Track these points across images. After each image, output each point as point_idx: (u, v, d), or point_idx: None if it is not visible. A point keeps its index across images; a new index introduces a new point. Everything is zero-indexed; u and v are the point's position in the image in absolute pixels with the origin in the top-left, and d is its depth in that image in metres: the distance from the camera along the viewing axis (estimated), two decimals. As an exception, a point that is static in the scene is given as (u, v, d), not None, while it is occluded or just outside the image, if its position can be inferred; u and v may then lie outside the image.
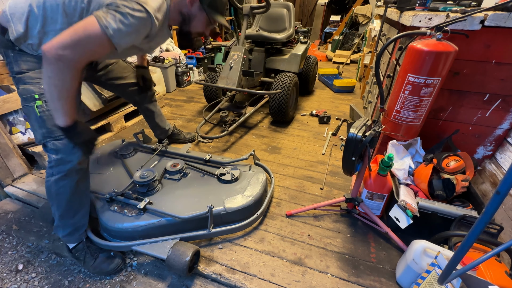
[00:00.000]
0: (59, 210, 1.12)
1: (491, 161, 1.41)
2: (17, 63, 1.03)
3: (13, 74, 1.05)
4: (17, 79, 1.05)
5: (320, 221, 1.44)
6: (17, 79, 1.05)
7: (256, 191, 1.41)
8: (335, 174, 1.81)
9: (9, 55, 1.03)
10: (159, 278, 1.18)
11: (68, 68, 0.88)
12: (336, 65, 4.64)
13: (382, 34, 2.04)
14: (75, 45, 0.87)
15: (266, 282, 1.13)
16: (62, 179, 1.09)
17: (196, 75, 3.67)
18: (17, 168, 1.69)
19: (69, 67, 0.88)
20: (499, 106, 1.29)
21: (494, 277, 0.92)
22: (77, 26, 0.88)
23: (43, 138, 1.06)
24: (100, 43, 0.91)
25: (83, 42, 0.88)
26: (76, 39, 0.86)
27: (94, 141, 1.10)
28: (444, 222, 1.18)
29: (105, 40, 0.90)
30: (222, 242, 1.31)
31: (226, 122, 2.22)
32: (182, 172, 1.53)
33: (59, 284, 1.16)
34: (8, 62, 1.05)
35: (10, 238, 1.36)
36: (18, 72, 1.04)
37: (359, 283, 1.14)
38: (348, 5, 6.50)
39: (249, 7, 2.19)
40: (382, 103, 1.38)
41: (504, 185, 0.55)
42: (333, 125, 2.49)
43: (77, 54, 0.88)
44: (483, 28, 1.13)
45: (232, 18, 5.26)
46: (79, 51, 0.88)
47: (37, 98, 1.04)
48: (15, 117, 1.71)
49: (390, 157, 1.18)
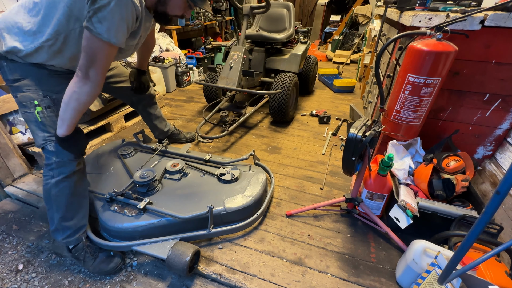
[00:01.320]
0: (60, 212, 1.12)
1: (491, 161, 1.41)
2: (11, 71, 1.05)
3: (9, 83, 1.07)
4: (14, 88, 1.06)
5: (320, 221, 1.44)
6: (14, 87, 1.06)
7: (256, 191, 1.41)
8: (335, 174, 1.81)
9: (3, 65, 1.05)
10: (159, 278, 1.18)
11: (95, 87, 0.97)
12: (336, 65, 4.64)
13: (382, 34, 2.04)
14: (91, 63, 0.93)
15: (266, 282, 1.13)
16: (63, 181, 1.10)
17: (196, 75, 3.67)
18: (17, 168, 1.69)
19: (96, 85, 0.97)
20: (499, 106, 1.29)
21: (494, 277, 0.92)
22: (84, 46, 0.92)
23: (44, 142, 1.07)
24: (105, 51, 0.94)
25: (95, 58, 0.93)
26: (90, 58, 0.92)
27: (84, 148, 1.14)
28: (444, 222, 1.18)
29: (107, 45, 0.93)
30: (222, 242, 1.31)
31: (226, 122, 2.22)
32: (182, 172, 1.53)
33: (59, 284, 1.16)
34: (2, 72, 1.06)
35: (10, 238, 1.36)
36: (14, 80, 1.05)
37: (359, 283, 1.14)
38: (348, 5, 6.50)
39: (249, 7, 2.19)
40: (382, 103, 1.38)
41: (504, 185, 0.55)
42: (333, 125, 2.49)
43: (98, 69, 0.95)
44: (483, 28, 1.13)
45: (232, 18, 5.26)
46: (97, 66, 0.94)
47: (37, 104, 1.06)
48: (15, 117, 1.71)
49: (390, 157, 1.18)
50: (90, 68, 0.94)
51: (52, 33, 0.98)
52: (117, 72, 1.57)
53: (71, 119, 1.00)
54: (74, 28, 0.99)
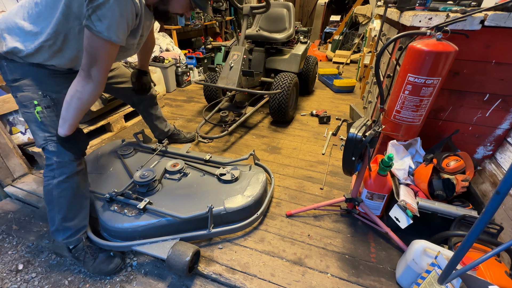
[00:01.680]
0: (61, 213, 1.12)
1: (491, 161, 1.41)
2: (11, 71, 1.05)
3: (9, 83, 1.07)
4: (13, 88, 1.06)
5: (320, 221, 1.44)
6: (14, 87, 1.06)
7: (256, 191, 1.41)
8: (335, 174, 1.81)
9: (3, 65, 1.05)
10: (159, 278, 1.18)
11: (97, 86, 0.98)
12: (336, 65, 4.64)
13: (382, 34, 2.04)
14: (93, 62, 0.93)
15: (266, 282, 1.13)
16: (65, 181, 1.10)
17: (196, 75, 3.67)
18: (17, 168, 1.69)
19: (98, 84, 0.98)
20: (499, 106, 1.29)
21: (494, 277, 0.92)
22: (85, 46, 0.92)
23: (44, 142, 1.07)
24: (106, 49, 0.94)
25: (96, 57, 0.93)
26: (92, 57, 0.92)
27: (85, 148, 1.14)
28: (444, 222, 1.18)
29: (108, 44, 0.92)
30: (222, 242, 1.31)
31: (226, 122, 2.22)
32: (182, 172, 1.53)
33: (59, 284, 1.16)
34: (3, 72, 1.06)
35: (10, 238, 1.36)
36: (14, 80, 1.05)
37: (359, 283, 1.14)
38: (348, 5, 6.50)
39: (249, 7, 2.19)
40: (382, 103, 1.38)
41: (504, 185, 0.55)
42: (333, 125, 2.49)
43: (100, 68, 0.95)
44: (483, 28, 1.13)
45: (232, 18, 5.27)
46: (99, 65, 0.94)
47: (37, 104, 1.06)
48: (15, 117, 1.71)
49: (390, 157, 1.18)
50: (92, 67, 0.93)
51: (52, 33, 0.98)
52: (118, 73, 1.57)
53: (73, 118, 1.00)
54: (73, 26, 0.98)
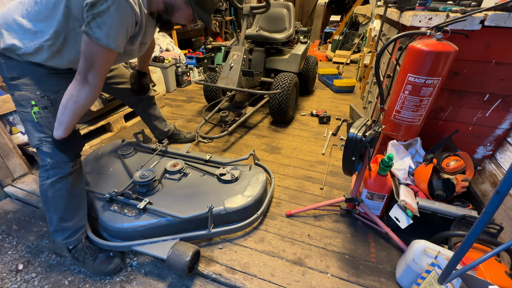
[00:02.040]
0: (58, 213, 1.12)
1: (491, 161, 1.41)
2: (9, 69, 1.04)
3: (6, 80, 1.06)
4: (11, 86, 1.05)
5: (320, 221, 1.44)
6: (12, 85, 1.05)
7: (256, 191, 1.41)
8: (335, 174, 1.81)
9: (0, 62, 1.04)
10: (159, 278, 1.18)
11: (93, 90, 0.98)
12: (336, 65, 4.64)
13: (382, 34, 2.04)
14: (90, 67, 0.93)
15: (266, 282, 1.13)
16: (58, 181, 1.09)
17: (196, 75, 3.67)
18: (17, 168, 1.69)
19: (94, 88, 0.98)
20: (499, 106, 1.29)
21: (494, 277, 0.92)
22: (82, 51, 0.92)
23: (39, 142, 1.06)
24: (104, 55, 0.94)
25: (94, 62, 0.93)
26: (89, 63, 0.93)
27: (80, 150, 1.13)
28: (444, 222, 1.18)
29: (106, 50, 0.93)
30: (222, 242, 1.31)
31: (226, 122, 2.22)
32: (182, 172, 1.53)
33: (59, 284, 1.16)
34: (0, 69, 1.05)
35: (10, 238, 1.36)
36: (12, 78, 1.04)
37: (359, 283, 1.14)
38: (348, 5, 6.50)
39: (249, 7, 2.19)
40: (382, 103, 1.38)
41: (504, 185, 0.55)
42: (333, 125, 2.49)
43: (97, 73, 0.95)
44: (483, 28, 1.13)
45: (232, 18, 5.26)
46: (96, 70, 0.95)
47: (34, 104, 1.05)
48: (15, 117, 1.71)
49: (390, 157, 1.18)
50: (89, 72, 0.94)
51: (52, 33, 0.98)
52: (117, 73, 1.57)
53: (68, 122, 0.99)
54: (73, 27, 0.98)
